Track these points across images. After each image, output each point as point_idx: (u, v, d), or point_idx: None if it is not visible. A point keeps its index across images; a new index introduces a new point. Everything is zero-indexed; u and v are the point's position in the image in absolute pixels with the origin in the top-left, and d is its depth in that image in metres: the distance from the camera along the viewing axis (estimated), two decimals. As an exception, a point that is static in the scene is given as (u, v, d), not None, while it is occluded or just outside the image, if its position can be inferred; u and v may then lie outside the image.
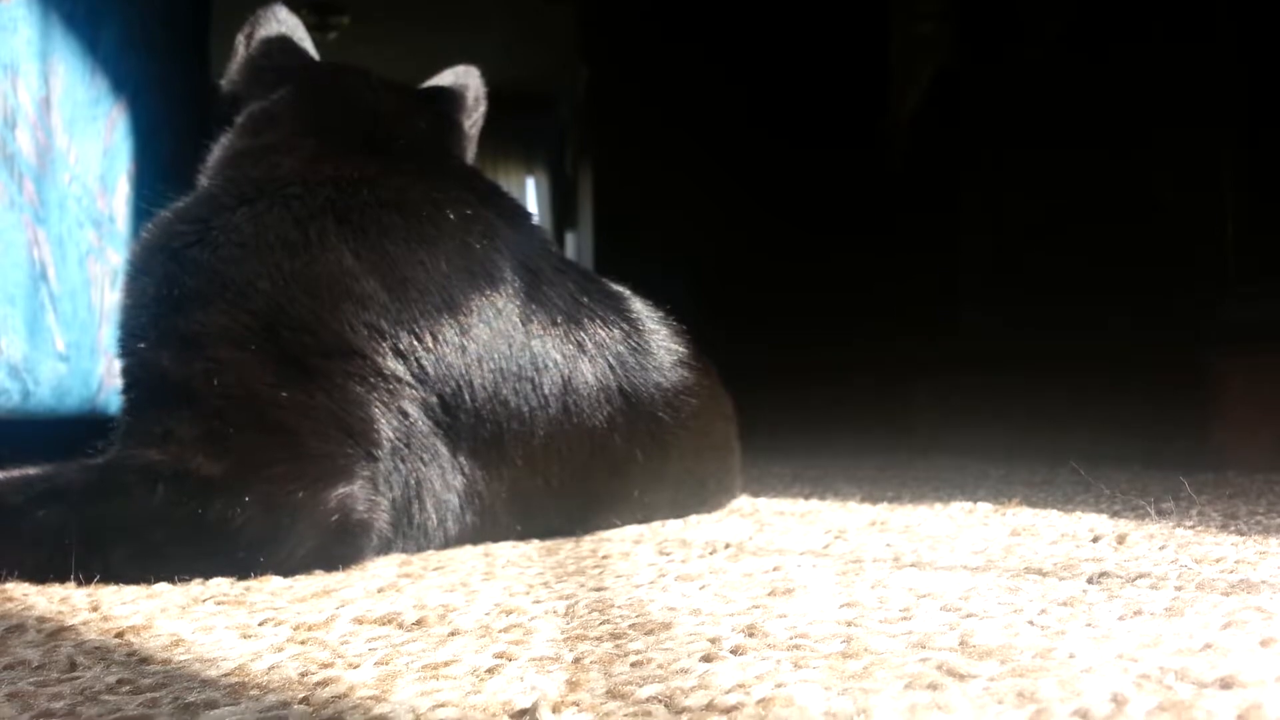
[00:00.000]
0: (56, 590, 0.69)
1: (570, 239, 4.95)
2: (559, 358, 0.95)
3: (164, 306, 0.85)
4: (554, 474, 0.95)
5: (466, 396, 0.89)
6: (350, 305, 0.85)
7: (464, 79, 1.22)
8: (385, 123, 1.06)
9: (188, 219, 0.90)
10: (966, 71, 2.50)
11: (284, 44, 1.14)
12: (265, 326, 0.83)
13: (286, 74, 1.10)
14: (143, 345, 0.85)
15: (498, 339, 0.91)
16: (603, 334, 1.00)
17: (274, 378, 0.81)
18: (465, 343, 0.89)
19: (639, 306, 1.10)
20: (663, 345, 1.07)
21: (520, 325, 0.93)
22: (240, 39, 1.16)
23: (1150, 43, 1.86)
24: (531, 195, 5.69)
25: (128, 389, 0.87)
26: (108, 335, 1.40)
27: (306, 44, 1.18)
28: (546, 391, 0.94)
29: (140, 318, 0.87)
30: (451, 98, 1.20)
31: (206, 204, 0.92)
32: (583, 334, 0.98)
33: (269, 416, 0.80)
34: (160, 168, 1.59)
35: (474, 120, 1.22)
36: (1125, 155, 1.90)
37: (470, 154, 1.23)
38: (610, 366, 1.00)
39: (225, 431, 0.78)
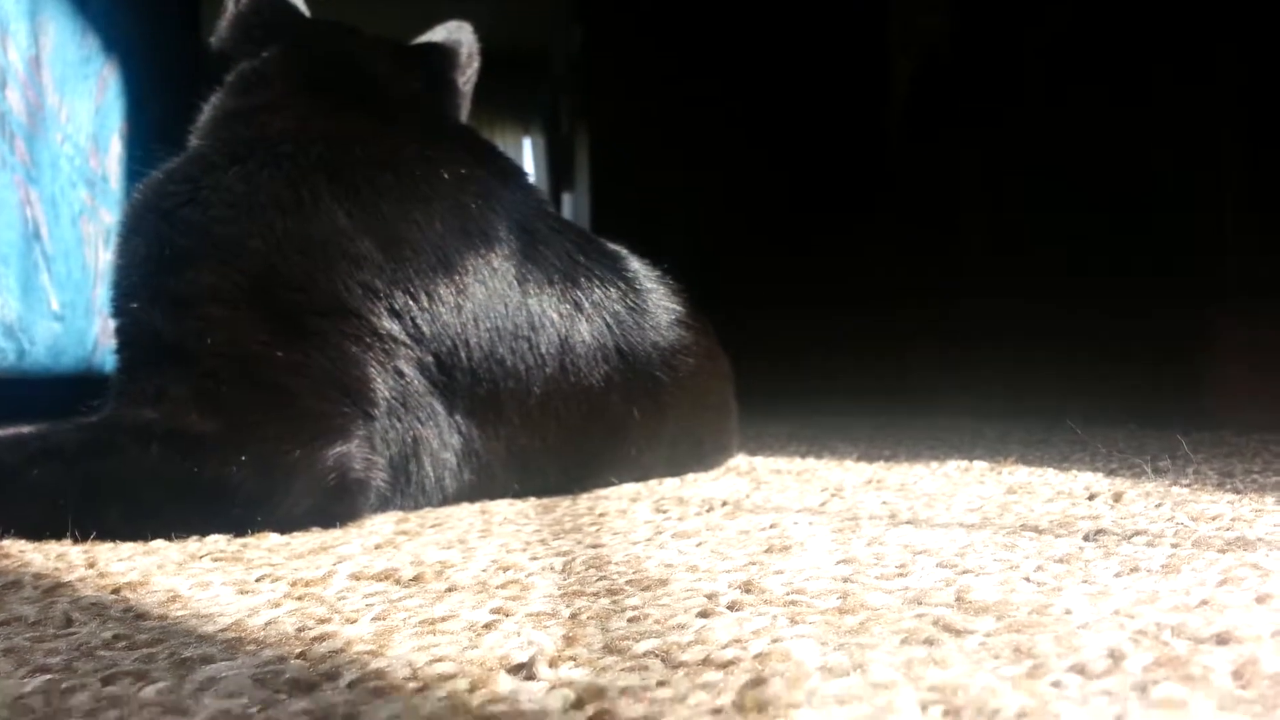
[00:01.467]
0: (53, 547, 0.69)
1: (567, 200, 4.93)
2: (555, 317, 0.95)
3: (156, 266, 0.85)
4: (551, 433, 0.95)
5: (463, 355, 0.88)
6: (344, 264, 0.84)
7: (456, 34, 1.21)
8: (378, 80, 1.06)
9: (179, 179, 0.90)
10: (965, 43, 2.47)
11: (274, 0, 1.13)
12: (258, 286, 0.82)
13: (277, 31, 1.09)
14: (135, 305, 0.85)
15: (493, 298, 0.91)
16: (599, 293, 1.00)
17: (268, 336, 0.81)
18: (461, 302, 0.89)
19: (636, 265, 1.09)
20: (660, 304, 1.07)
21: (516, 284, 0.93)
22: None
23: (1149, 15, 1.84)
24: (528, 156, 5.65)
25: (121, 348, 0.87)
26: (102, 295, 1.39)
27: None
28: (543, 350, 0.94)
29: (132, 277, 0.87)
30: (444, 54, 1.18)
31: (198, 164, 0.91)
32: (579, 293, 0.98)
33: (263, 375, 0.80)
34: (152, 126, 1.58)
35: (468, 77, 1.21)
36: (1124, 117, 1.88)
37: (465, 111, 1.22)
38: (607, 325, 0.99)
39: (218, 390, 0.78)
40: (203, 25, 1.97)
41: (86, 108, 1.42)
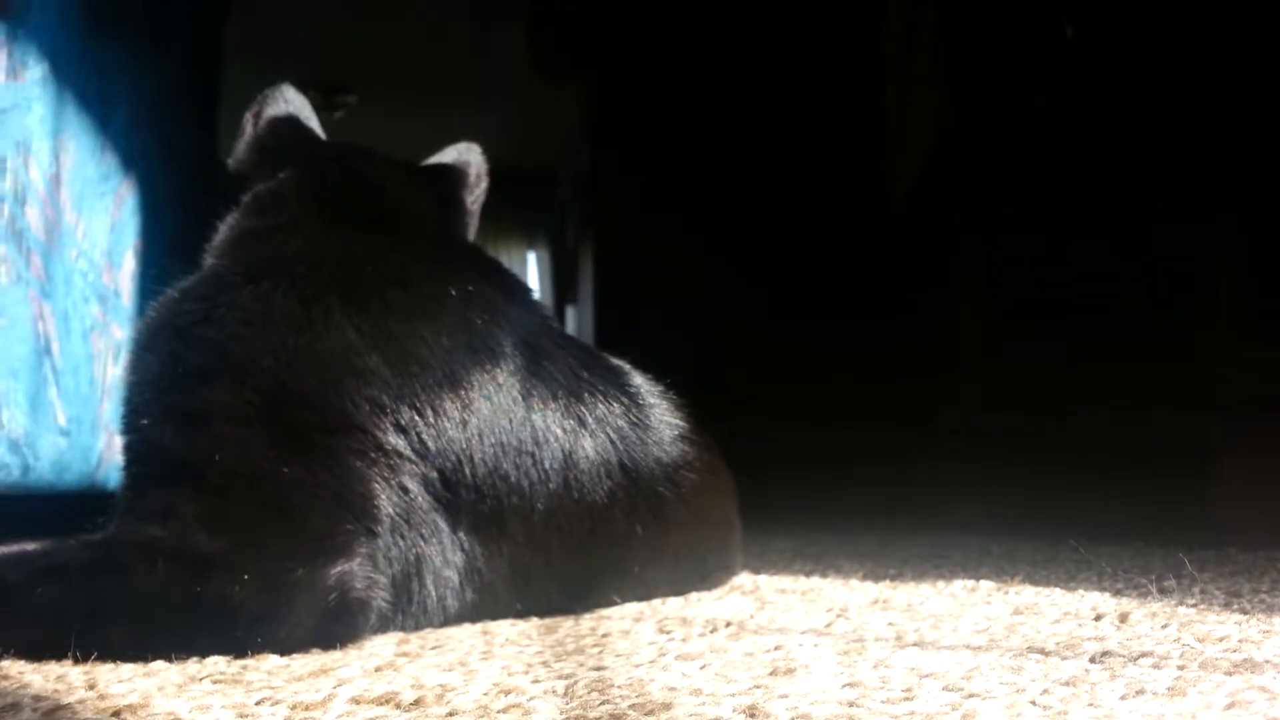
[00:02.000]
0: (53, 668, 0.69)
1: (571, 313, 4.98)
2: (559, 432, 0.96)
3: (168, 383, 0.86)
4: (554, 550, 0.95)
5: (467, 471, 0.89)
6: (352, 381, 0.85)
7: (466, 156, 1.24)
8: (389, 201, 1.08)
9: (194, 298, 0.91)
10: (960, 146, 2.53)
11: (291, 124, 1.17)
12: (268, 403, 0.83)
13: (292, 154, 1.12)
14: (146, 422, 0.86)
15: (498, 413, 0.92)
16: (603, 409, 1.01)
17: (276, 454, 0.81)
18: (466, 417, 0.89)
19: (639, 381, 1.10)
20: (663, 420, 1.08)
21: (521, 400, 0.94)
22: (248, 118, 1.18)
23: (1145, 119, 1.88)
24: (533, 269, 5.73)
25: (130, 465, 0.87)
26: (109, 410, 1.40)
27: (313, 123, 1.20)
28: (547, 466, 0.94)
29: (144, 394, 0.88)
30: (453, 175, 1.22)
31: (213, 283, 0.93)
32: (583, 408, 0.99)
33: (270, 493, 0.80)
34: (167, 243, 1.61)
35: (476, 196, 1.24)
36: (1122, 234, 1.92)
37: (472, 230, 1.25)
38: (610, 441, 1.00)
39: (226, 508, 0.78)
40: (220, 142, 2.02)
41: (103, 224, 1.45)
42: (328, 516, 0.81)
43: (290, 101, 1.19)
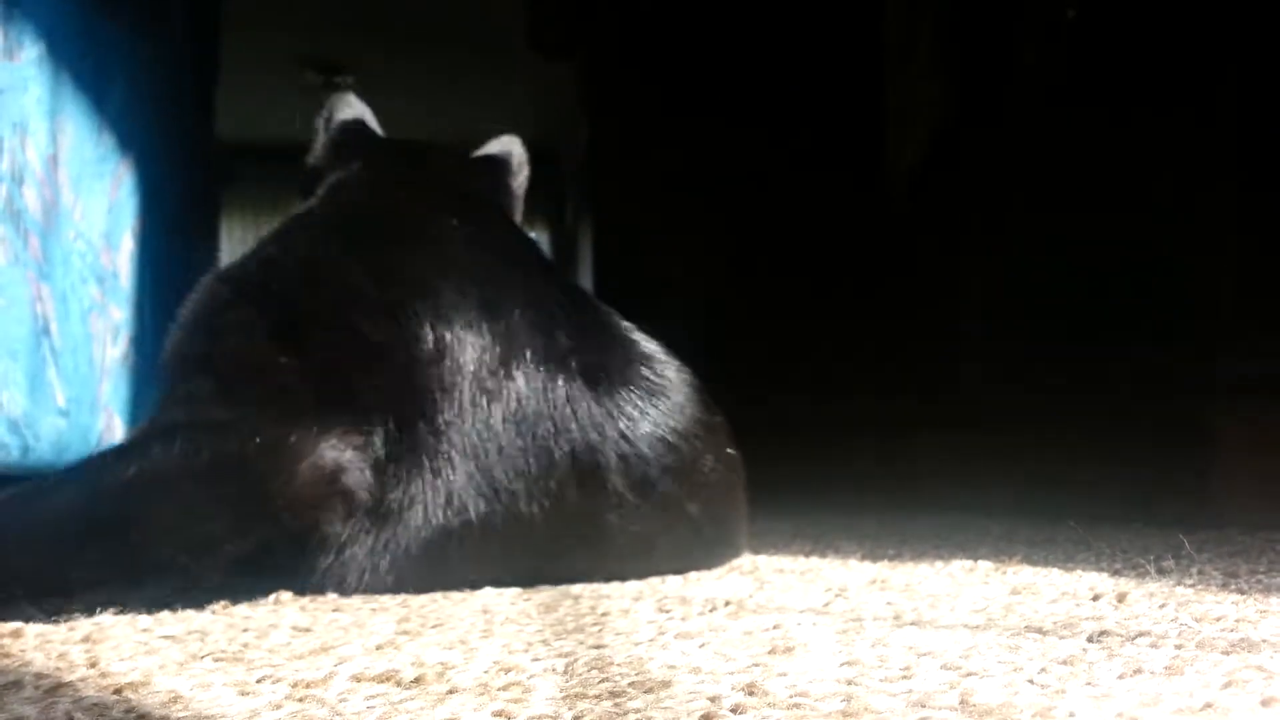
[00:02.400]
0: (54, 646, 0.69)
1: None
2: (555, 385, 0.98)
3: (202, 312, 1.03)
4: (535, 495, 0.97)
5: (455, 395, 0.95)
6: (356, 302, 0.98)
7: (508, 146, 1.39)
8: (445, 182, 1.25)
9: (240, 261, 1.08)
10: (964, 129, 2.52)
11: (358, 125, 1.33)
12: (281, 317, 0.98)
13: (361, 149, 1.27)
14: (180, 334, 1.02)
15: (492, 359, 0.97)
16: (605, 368, 1.02)
17: (280, 353, 0.95)
18: (460, 347, 0.96)
19: (650, 346, 1.11)
20: (673, 389, 1.07)
21: (519, 348, 0.98)
22: (319, 122, 1.34)
23: (1148, 101, 1.88)
24: (531, 248, 5.72)
25: (163, 377, 1.03)
26: (108, 391, 1.40)
27: (375, 124, 1.36)
28: (536, 418, 0.97)
29: (185, 325, 1.03)
30: (500, 163, 1.36)
31: (263, 249, 1.09)
32: (582, 362, 1.01)
33: (276, 380, 0.94)
34: (166, 223, 1.61)
35: (520, 181, 1.39)
36: (1124, 215, 1.91)
37: (519, 211, 1.38)
38: (613, 403, 1.00)
39: (236, 390, 0.93)
40: (218, 119, 2.01)
41: (100, 205, 1.44)
42: (325, 404, 0.92)
43: (354, 107, 1.36)
